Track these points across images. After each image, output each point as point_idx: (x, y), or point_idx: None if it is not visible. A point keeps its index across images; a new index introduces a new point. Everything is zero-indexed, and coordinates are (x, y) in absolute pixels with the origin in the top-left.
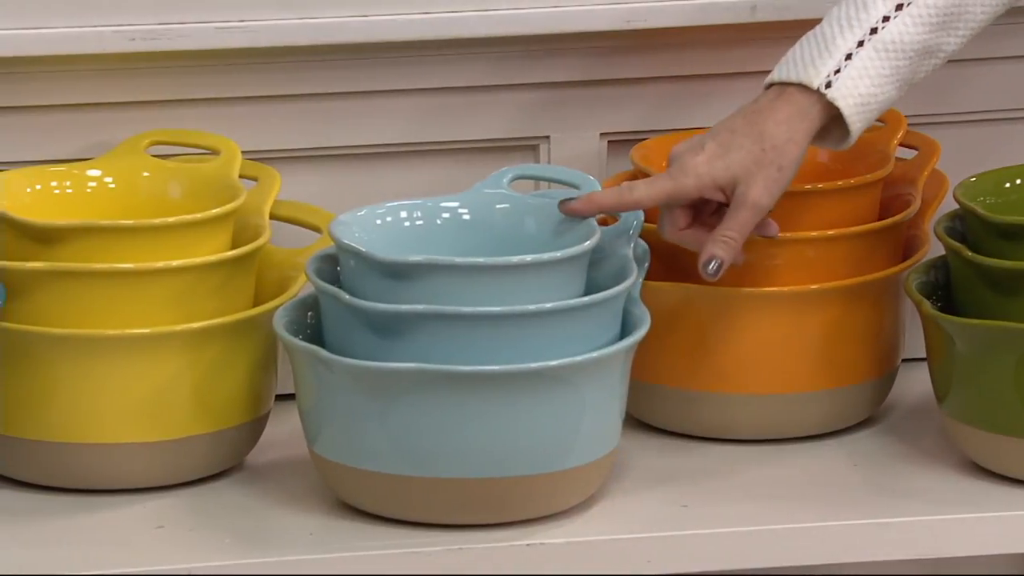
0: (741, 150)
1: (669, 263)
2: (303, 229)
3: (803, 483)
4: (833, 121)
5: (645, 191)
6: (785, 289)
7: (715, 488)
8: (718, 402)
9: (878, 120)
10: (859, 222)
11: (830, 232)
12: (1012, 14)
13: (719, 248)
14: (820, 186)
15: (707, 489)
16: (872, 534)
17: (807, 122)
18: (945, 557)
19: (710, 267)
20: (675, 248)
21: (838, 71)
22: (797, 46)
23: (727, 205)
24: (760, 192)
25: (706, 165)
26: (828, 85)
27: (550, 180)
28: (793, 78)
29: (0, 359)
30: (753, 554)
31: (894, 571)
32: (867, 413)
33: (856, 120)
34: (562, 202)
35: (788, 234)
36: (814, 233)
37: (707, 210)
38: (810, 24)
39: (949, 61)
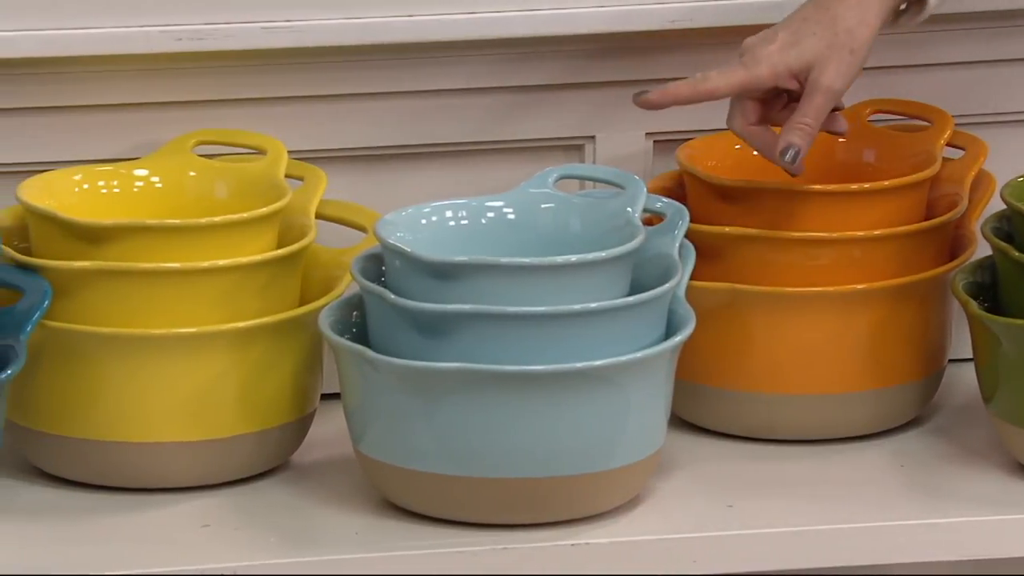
0: (813, 36)
1: (714, 263)
2: (349, 229)
3: (849, 484)
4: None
5: (720, 80)
6: (831, 289)
7: (761, 488)
8: (764, 402)
9: (924, 120)
10: (906, 222)
11: (877, 232)
12: None
13: (796, 135)
14: (867, 186)
15: (753, 489)
16: (918, 535)
17: (879, 2)
18: (992, 558)
19: (787, 155)
20: (721, 248)
21: None
22: None
23: (797, 99)
24: (833, 76)
25: (779, 53)
26: None
27: (595, 180)
28: None
29: (47, 358)
30: (799, 554)
31: (940, 572)
32: (913, 413)
33: None
34: (636, 95)
35: (834, 234)
36: (860, 233)
37: (777, 105)
38: None
39: (997, 61)
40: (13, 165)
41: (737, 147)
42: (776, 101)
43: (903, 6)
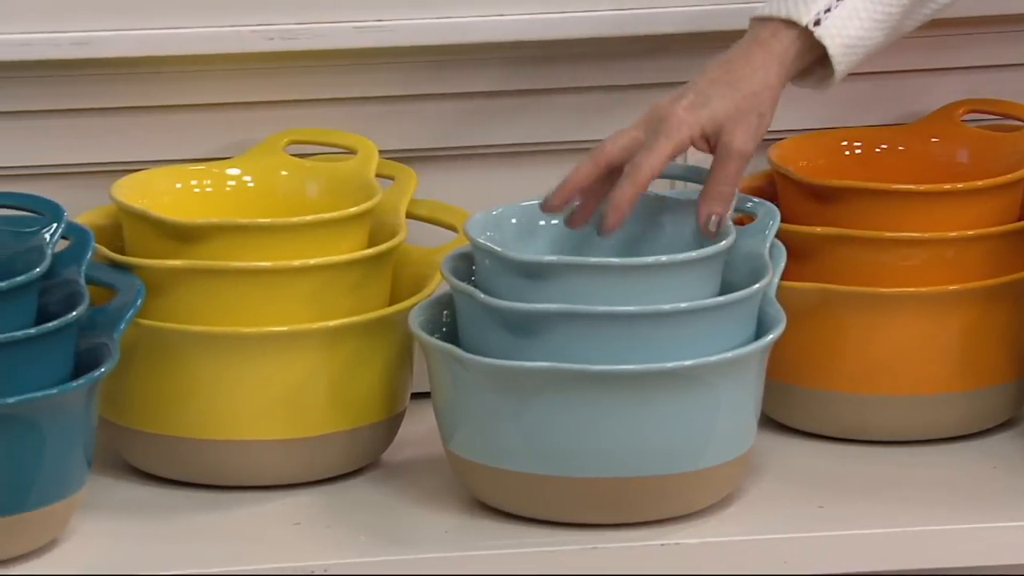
0: (722, 99)
1: (805, 263)
2: (439, 228)
3: (941, 485)
4: (817, 61)
5: (654, 162)
6: (924, 290)
7: (852, 489)
8: (855, 403)
9: (1018, 119)
10: (999, 222)
11: (969, 232)
12: None
13: (717, 204)
14: (959, 186)
15: (844, 490)
16: (1011, 537)
17: (781, 65)
18: None
19: (711, 223)
20: (812, 248)
21: (828, 10)
22: None
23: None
24: (743, 139)
25: (693, 115)
26: (817, 23)
27: (685, 179)
28: (782, 13)
29: (139, 356)
30: (889, 556)
31: None
32: (1007, 415)
33: (842, 62)
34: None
35: (927, 234)
36: (953, 233)
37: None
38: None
39: None
40: (107, 164)
41: (829, 147)
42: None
43: (808, 67)
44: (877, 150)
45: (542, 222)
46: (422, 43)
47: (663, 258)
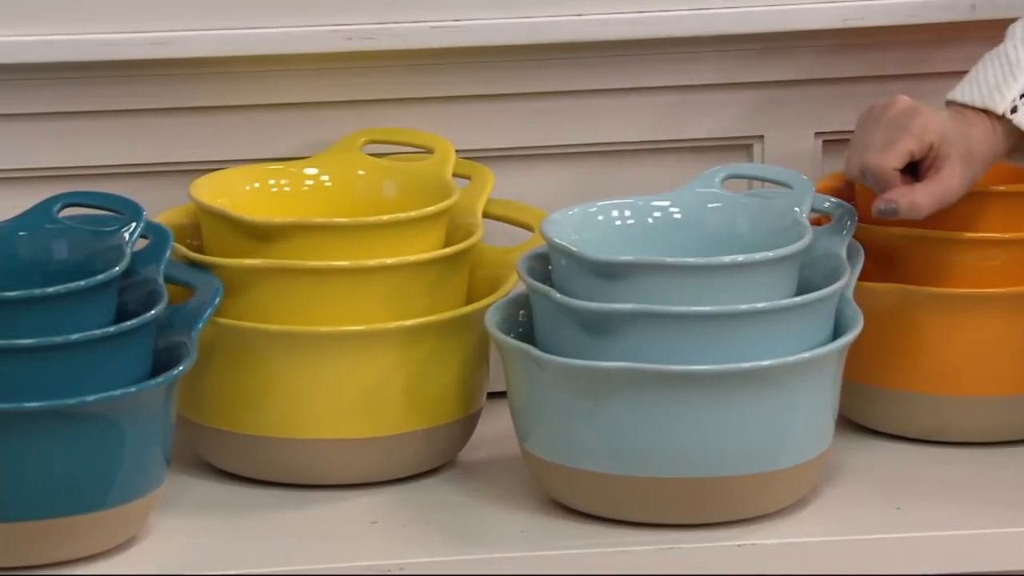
0: (957, 138)
1: (883, 263)
2: (515, 228)
3: (1019, 487)
4: (1021, 140)
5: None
6: (1003, 290)
7: (929, 491)
8: (933, 404)
9: None
10: None
11: None
12: None
13: (906, 208)
14: None
15: (921, 492)
16: None
17: (1006, 146)
18: None
19: (885, 210)
20: (890, 248)
21: (1023, 95)
22: (980, 67)
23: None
24: (960, 178)
25: (939, 125)
26: (1014, 110)
27: (763, 180)
28: (978, 103)
29: (217, 354)
30: (967, 558)
31: None
32: None
33: None
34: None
35: (1007, 235)
36: None
37: None
38: None
39: None
40: (186, 164)
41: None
42: None
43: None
44: None
45: (618, 221)
46: (499, 43)
47: (740, 258)
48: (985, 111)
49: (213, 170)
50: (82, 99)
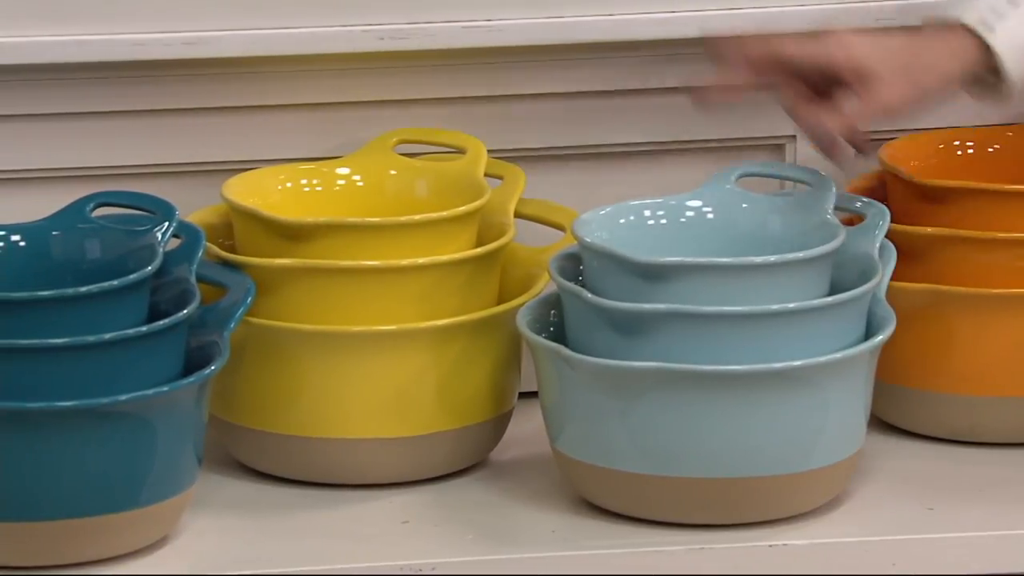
0: (894, 52)
1: (915, 263)
2: (547, 227)
3: None
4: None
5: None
6: None
7: (962, 491)
8: (965, 404)
9: None
10: None
11: None
12: None
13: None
14: None
15: (954, 492)
16: None
17: (960, 65)
18: None
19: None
20: (922, 248)
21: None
22: None
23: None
24: (893, 96)
25: (859, 46)
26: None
27: (780, 178)
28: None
29: (249, 354)
30: (1000, 558)
31: None
32: None
33: (1013, 64)
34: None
35: None
36: None
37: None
38: None
39: None
40: (218, 163)
41: (940, 147)
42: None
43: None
44: (989, 150)
45: (650, 221)
46: (531, 43)
47: (772, 258)
48: (963, 26)
49: (244, 170)
50: (114, 99)
